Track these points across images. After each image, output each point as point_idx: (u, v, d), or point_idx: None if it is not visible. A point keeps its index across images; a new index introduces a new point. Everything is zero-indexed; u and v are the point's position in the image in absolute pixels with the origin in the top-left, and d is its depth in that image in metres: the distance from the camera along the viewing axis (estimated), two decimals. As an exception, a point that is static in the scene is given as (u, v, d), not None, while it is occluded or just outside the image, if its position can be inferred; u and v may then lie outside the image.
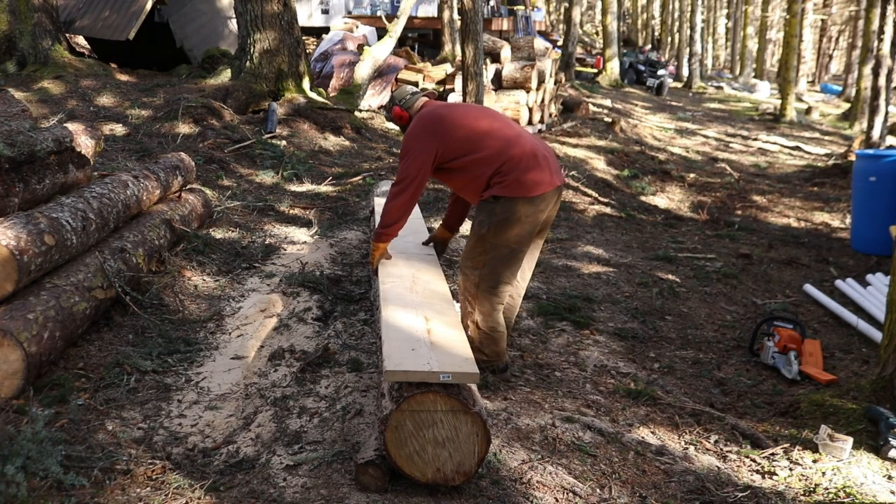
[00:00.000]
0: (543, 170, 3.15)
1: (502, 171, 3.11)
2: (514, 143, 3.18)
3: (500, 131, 3.22)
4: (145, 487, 2.26)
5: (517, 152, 3.14)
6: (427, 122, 3.19)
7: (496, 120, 3.28)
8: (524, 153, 3.16)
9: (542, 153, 3.20)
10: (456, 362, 2.31)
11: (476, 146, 3.16)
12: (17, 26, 10.52)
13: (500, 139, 3.18)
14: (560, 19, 39.49)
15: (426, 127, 3.17)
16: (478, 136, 3.18)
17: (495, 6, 19.05)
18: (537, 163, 3.15)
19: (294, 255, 4.61)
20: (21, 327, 2.64)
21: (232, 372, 3.11)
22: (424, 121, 3.20)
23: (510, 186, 3.10)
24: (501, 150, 3.14)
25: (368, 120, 10.24)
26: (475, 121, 3.23)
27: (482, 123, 3.23)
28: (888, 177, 6.04)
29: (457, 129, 3.17)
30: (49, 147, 3.80)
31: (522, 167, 3.12)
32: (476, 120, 3.24)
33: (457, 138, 3.15)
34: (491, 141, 3.16)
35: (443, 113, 3.21)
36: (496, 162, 3.12)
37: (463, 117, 3.23)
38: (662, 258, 5.60)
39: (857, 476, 2.66)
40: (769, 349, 3.83)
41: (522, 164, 3.12)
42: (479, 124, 3.22)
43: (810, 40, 37.76)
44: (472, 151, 3.15)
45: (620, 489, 2.46)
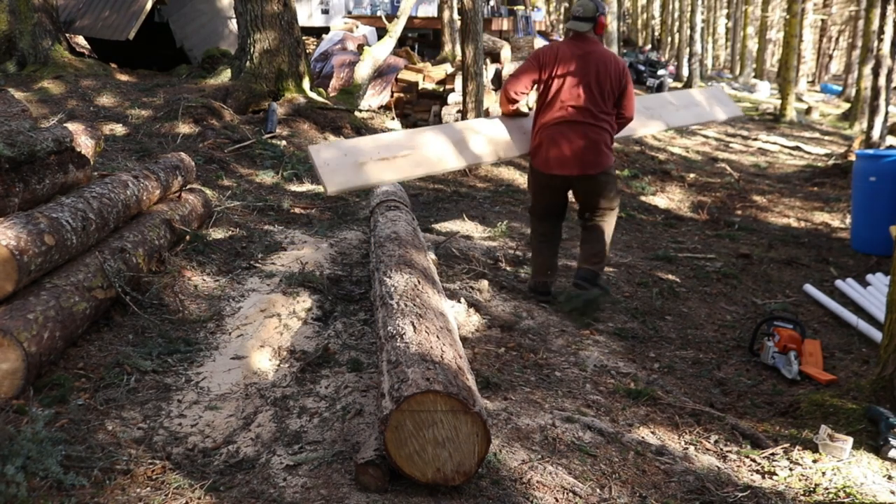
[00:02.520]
0: (559, 155, 4.05)
1: (536, 133, 4.18)
2: (557, 115, 4.06)
3: (564, 105, 4.05)
4: (145, 487, 2.26)
5: (551, 123, 4.09)
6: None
7: (574, 97, 4.05)
8: (552, 130, 4.07)
9: (568, 137, 4.03)
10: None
11: (547, 99, 4.13)
12: (17, 26, 10.52)
13: (556, 106, 4.07)
14: (560, 19, 39.48)
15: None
16: (556, 93, 4.07)
17: (495, 6, 19.04)
18: (551, 143, 4.05)
19: (294, 255, 4.61)
20: (21, 327, 2.64)
21: (232, 372, 3.11)
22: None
23: (532, 151, 4.22)
24: (549, 112, 4.11)
25: (368, 120, 10.24)
26: (569, 83, 4.04)
27: (570, 87, 4.05)
28: (888, 177, 6.04)
29: (553, 74, 4.08)
30: (49, 147, 3.80)
31: (546, 137, 4.09)
32: (573, 83, 4.04)
33: (549, 79, 4.11)
34: (557, 99, 4.06)
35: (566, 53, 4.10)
36: (538, 122, 4.16)
37: (567, 73, 4.05)
38: (662, 258, 5.60)
39: (857, 476, 2.66)
40: (769, 349, 3.83)
41: (546, 136, 4.09)
42: (568, 86, 4.05)
43: (810, 40, 37.76)
44: (542, 98, 4.16)
45: (620, 489, 2.46)
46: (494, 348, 3.60)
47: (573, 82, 4.04)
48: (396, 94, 11.47)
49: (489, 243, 5.43)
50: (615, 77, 4.07)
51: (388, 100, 11.49)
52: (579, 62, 4.05)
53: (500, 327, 3.87)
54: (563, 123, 4.06)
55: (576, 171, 4.04)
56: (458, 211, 6.33)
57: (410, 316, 2.84)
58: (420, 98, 11.33)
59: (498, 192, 7.19)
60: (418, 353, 2.48)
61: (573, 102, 4.05)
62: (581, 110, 4.05)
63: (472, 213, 6.35)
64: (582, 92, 4.04)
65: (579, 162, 4.03)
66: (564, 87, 4.06)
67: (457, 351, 2.67)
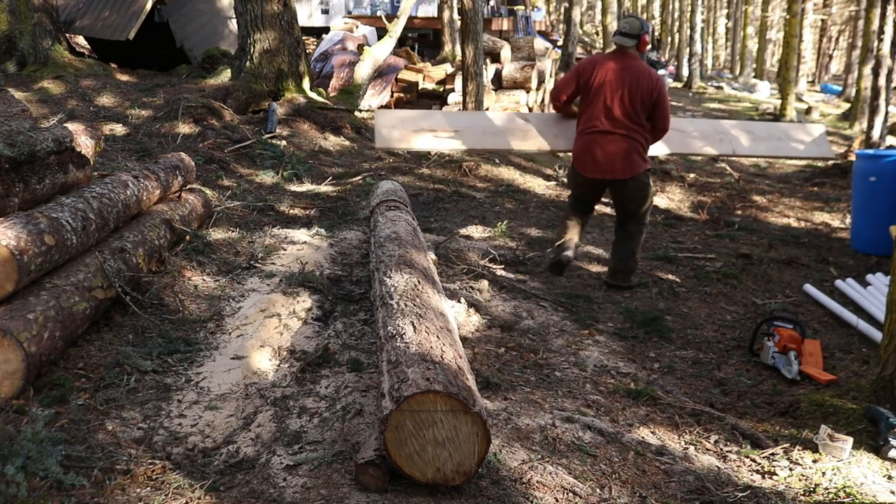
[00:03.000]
0: (594, 160, 4.50)
1: (577, 136, 4.64)
2: (594, 125, 4.49)
3: (601, 115, 4.46)
4: (145, 487, 2.26)
5: (589, 131, 4.52)
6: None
7: (610, 106, 4.44)
8: (590, 137, 4.52)
9: (602, 143, 4.46)
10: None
11: (585, 107, 4.56)
12: (17, 26, 10.52)
13: (596, 115, 4.48)
14: (560, 19, 39.49)
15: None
16: (592, 102, 4.50)
17: (495, 6, 19.04)
18: (587, 148, 4.52)
19: (294, 255, 4.61)
20: (21, 327, 2.64)
21: (232, 372, 3.11)
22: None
23: (573, 151, 4.68)
24: (587, 121, 4.54)
25: (368, 120, 10.24)
26: (605, 95, 4.45)
27: (606, 100, 4.45)
28: (888, 177, 6.03)
29: (591, 84, 4.52)
30: (49, 147, 3.80)
31: (582, 143, 4.56)
32: (608, 95, 4.44)
33: (588, 89, 4.55)
34: (594, 109, 4.49)
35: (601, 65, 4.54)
36: (579, 126, 4.63)
37: (601, 84, 4.48)
38: (662, 258, 5.60)
39: (857, 476, 2.66)
40: (769, 349, 3.83)
41: (583, 142, 4.55)
42: (604, 98, 4.45)
43: (810, 40, 37.77)
44: (583, 105, 4.59)
45: (620, 489, 2.46)
46: (494, 348, 3.60)
47: (608, 94, 4.44)
48: (396, 94, 11.47)
49: (489, 243, 5.44)
50: (647, 92, 4.42)
51: (388, 100, 11.50)
52: (615, 75, 4.43)
53: (500, 327, 3.87)
54: (596, 132, 4.49)
55: (608, 175, 4.52)
56: (458, 211, 6.33)
57: (410, 316, 2.84)
58: (420, 98, 11.33)
59: (498, 192, 7.19)
60: (418, 353, 2.48)
61: (606, 113, 4.45)
62: (613, 120, 4.44)
63: (472, 213, 6.35)
64: (615, 103, 4.42)
65: (610, 168, 4.48)
66: (599, 98, 4.47)
67: (457, 351, 2.67)
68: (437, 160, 8.02)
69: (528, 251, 5.43)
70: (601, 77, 4.46)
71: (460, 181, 7.43)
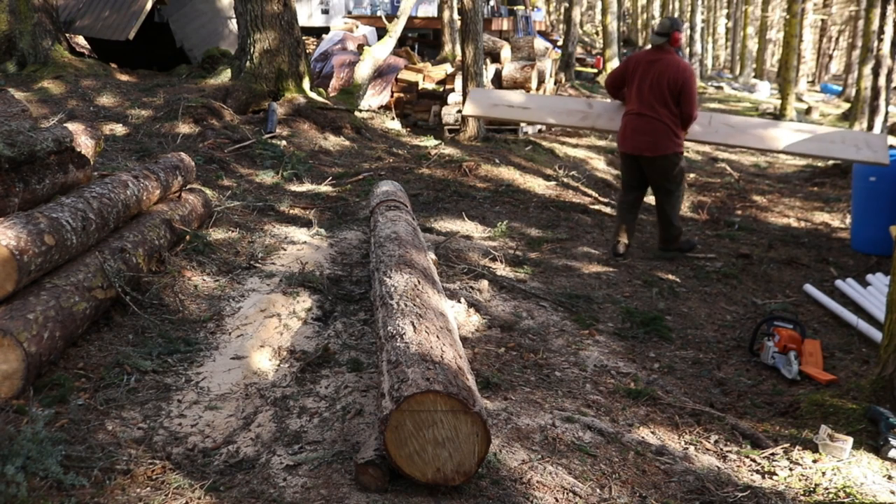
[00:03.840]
0: (627, 137, 5.36)
1: (622, 119, 5.48)
2: (632, 108, 5.32)
3: (636, 100, 5.28)
4: (145, 487, 2.26)
5: (628, 114, 5.39)
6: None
7: (644, 94, 5.24)
8: (627, 119, 5.37)
9: (637, 126, 5.27)
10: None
11: (628, 94, 5.42)
12: (17, 26, 10.52)
13: (633, 101, 5.32)
14: (560, 19, 39.49)
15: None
16: (631, 89, 5.35)
17: (495, 6, 19.04)
18: (626, 129, 5.37)
19: (294, 255, 4.61)
20: (21, 327, 2.64)
21: (232, 372, 3.11)
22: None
23: (618, 132, 5.55)
24: (627, 105, 5.45)
25: (368, 120, 10.24)
26: (639, 83, 5.26)
27: (638, 87, 5.28)
28: (888, 177, 6.03)
29: (631, 75, 5.39)
30: (49, 147, 3.80)
31: (622, 124, 5.45)
32: (640, 83, 5.27)
33: (629, 78, 5.41)
34: (631, 95, 5.36)
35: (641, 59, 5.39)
36: (624, 110, 5.50)
37: (642, 75, 5.29)
38: (662, 258, 5.60)
39: (857, 476, 2.66)
40: (769, 349, 3.83)
41: (623, 123, 5.44)
42: (637, 85, 5.29)
43: (810, 40, 37.75)
44: (626, 93, 5.49)
45: (620, 489, 2.46)
46: (494, 348, 3.60)
47: (642, 83, 5.25)
48: (396, 94, 11.47)
49: (489, 243, 5.44)
50: (673, 81, 5.15)
51: (388, 100, 11.49)
52: (649, 67, 5.24)
53: (500, 327, 3.87)
54: (632, 114, 5.34)
55: (636, 151, 5.33)
56: (458, 211, 6.33)
57: (410, 316, 2.84)
58: (420, 98, 11.32)
59: (498, 192, 7.19)
60: (418, 353, 2.48)
61: (640, 98, 5.27)
62: (645, 104, 5.24)
63: (472, 213, 6.35)
64: (646, 90, 5.23)
65: (641, 145, 5.28)
66: (636, 86, 5.30)
67: (457, 351, 2.68)
68: (437, 160, 8.02)
69: (528, 251, 5.43)
70: (638, 68, 5.30)
71: (460, 181, 7.42)
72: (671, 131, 5.21)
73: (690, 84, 5.16)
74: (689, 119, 5.27)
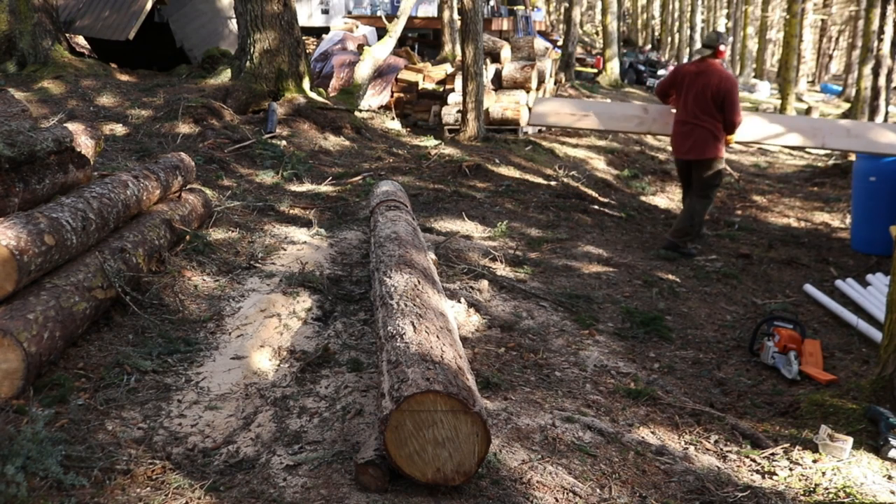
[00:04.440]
0: (675, 143, 5.96)
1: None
2: (679, 117, 5.88)
3: (683, 109, 5.83)
4: (145, 487, 2.26)
5: (676, 122, 5.96)
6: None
7: (689, 102, 5.75)
8: (676, 126, 5.94)
9: (683, 131, 5.81)
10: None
11: (675, 102, 6.00)
12: (17, 26, 10.52)
13: (680, 110, 5.87)
14: (560, 19, 39.49)
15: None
16: (679, 98, 5.90)
17: (495, 6, 19.04)
18: (675, 135, 5.95)
19: (294, 255, 4.61)
20: (21, 327, 2.64)
21: (232, 372, 3.11)
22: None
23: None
24: (676, 113, 5.98)
25: (368, 120, 10.24)
26: (686, 92, 5.79)
27: (685, 96, 5.81)
28: (888, 177, 6.03)
29: (679, 84, 5.92)
30: (49, 147, 3.80)
31: (672, 131, 6.02)
32: (686, 93, 5.80)
33: (678, 87, 5.95)
34: (679, 104, 5.92)
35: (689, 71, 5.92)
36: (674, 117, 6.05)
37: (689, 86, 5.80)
38: (662, 258, 5.60)
39: (857, 476, 2.66)
40: (769, 349, 3.83)
41: (673, 130, 6.02)
42: (684, 95, 5.82)
43: (810, 40, 37.76)
44: (675, 104, 6.03)
45: (620, 489, 2.46)
46: (494, 348, 3.60)
47: (688, 93, 5.75)
48: (396, 94, 11.47)
49: (489, 243, 5.44)
50: (715, 90, 5.60)
51: (388, 100, 11.49)
52: (694, 78, 5.73)
53: (500, 327, 3.87)
54: (679, 122, 5.88)
55: (683, 156, 5.91)
56: (458, 211, 6.33)
57: (410, 316, 2.84)
58: (420, 98, 11.32)
59: (498, 192, 7.20)
60: (418, 353, 2.48)
61: (685, 106, 5.78)
62: (690, 113, 5.73)
63: (472, 213, 6.35)
64: (692, 100, 5.72)
65: (686, 150, 5.82)
66: (683, 96, 5.82)
67: (457, 351, 2.67)
68: (437, 160, 8.02)
69: (528, 251, 5.43)
70: (685, 79, 5.81)
71: (460, 181, 7.42)
72: (713, 137, 5.69)
73: (732, 93, 5.61)
74: (732, 125, 5.69)
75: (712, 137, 5.69)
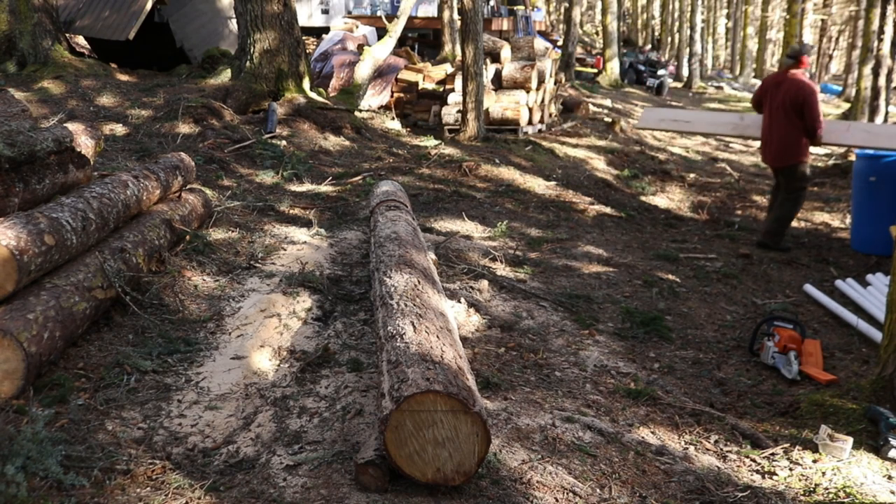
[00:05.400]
0: (762, 150, 6.43)
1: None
2: (764, 125, 6.29)
3: (766, 117, 6.25)
4: (145, 487, 2.27)
5: (762, 130, 6.37)
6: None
7: (773, 111, 6.14)
8: (762, 134, 6.35)
9: (768, 139, 6.22)
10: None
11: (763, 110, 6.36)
12: (17, 26, 10.52)
13: (765, 118, 6.28)
14: (560, 19, 39.48)
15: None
16: (766, 105, 6.28)
17: (495, 6, 19.05)
18: (761, 143, 6.41)
19: (294, 255, 4.61)
20: (21, 327, 2.64)
21: (232, 372, 3.11)
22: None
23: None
24: (763, 121, 6.37)
25: (368, 120, 10.24)
26: (771, 101, 6.17)
27: (769, 106, 6.21)
28: (888, 177, 6.03)
29: (766, 93, 6.28)
30: (49, 147, 3.80)
31: (761, 139, 6.42)
32: (770, 103, 6.20)
33: (765, 96, 6.31)
34: (764, 113, 6.33)
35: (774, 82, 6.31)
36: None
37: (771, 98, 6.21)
38: (662, 258, 5.60)
39: (857, 476, 2.66)
40: (769, 349, 3.83)
41: (761, 137, 6.41)
42: (769, 104, 6.22)
43: (810, 40, 37.72)
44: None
45: (620, 489, 2.46)
46: (494, 348, 3.60)
47: (772, 102, 6.14)
48: (396, 94, 11.46)
49: (489, 243, 5.44)
50: (794, 97, 5.95)
51: (388, 100, 11.49)
52: (777, 88, 6.12)
53: (500, 327, 3.87)
54: (764, 130, 6.29)
55: (768, 163, 6.42)
56: (458, 211, 6.33)
57: (410, 316, 2.84)
58: (420, 98, 11.32)
59: (498, 192, 7.20)
60: (418, 353, 2.48)
61: (770, 116, 6.17)
62: (773, 122, 6.14)
63: (472, 213, 6.35)
64: (775, 109, 6.10)
65: (770, 156, 6.27)
66: (767, 105, 6.22)
67: (457, 351, 2.67)
68: (437, 160, 8.02)
69: (528, 251, 5.43)
70: (769, 89, 6.21)
71: (460, 181, 7.42)
72: (793, 144, 6.03)
73: (811, 100, 5.92)
74: (813, 130, 5.99)
75: (792, 144, 6.02)
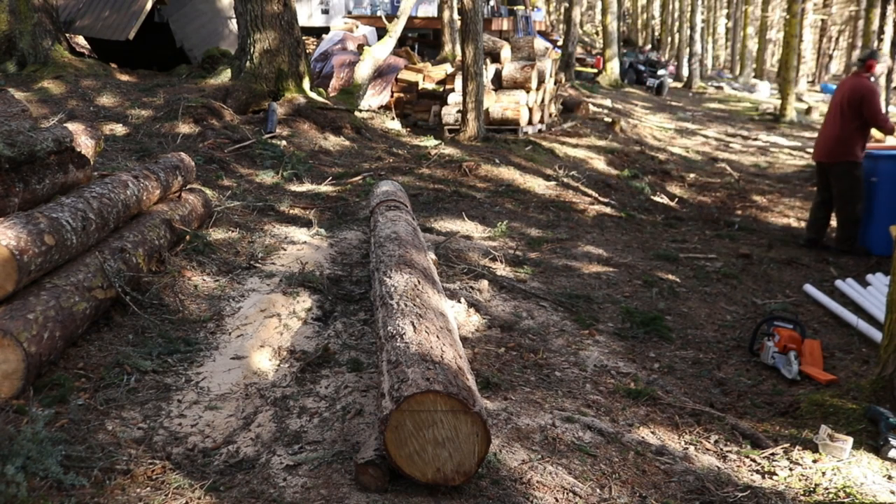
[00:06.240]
0: (815, 146, 6.51)
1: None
2: (824, 123, 6.48)
3: (828, 115, 6.42)
4: (145, 487, 2.27)
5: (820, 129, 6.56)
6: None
7: (831, 109, 6.33)
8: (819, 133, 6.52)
9: (820, 135, 6.42)
10: None
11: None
12: (17, 26, 10.52)
13: (826, 116, 6.46)
14: (560, 19, 39.49)
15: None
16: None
17: (495, 6, 19.05)
18: (816, 141, 6.52)
19: (294, 255, 4.61)
20: (21, 327, 2.64)
21: (232, 372, 3.11)
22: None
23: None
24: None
25: (368, 120, 10.24)
26: (834, 100, 6.31)
27: (831, 106, 6.38)
28: (888, 177, 6.04)
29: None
30: (49, 147, 3.80)
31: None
32: (832, 103, 6.38)
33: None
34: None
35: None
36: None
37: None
38: (663, 258, 5.60)
39: (857, 476, 2.66)
40: (769, 349, 3.82)
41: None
42: (830, 105, 6.40)
43: (810, 40, 37.74)
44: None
45: (620, 489, 2.46)
46: (494, 348, 3.60)
47: (834, 100, 6.34)
48: (396, 94, 11.46)
49: (489, 243, 5.44)
50: (852, 97, 6.10)
51: (388, 100, 11.49)
52: (838, 90, 6.38)
53: (500, 327, 3.87)
54: (823, 125, 6.47)
55: (816, 158, 6.48)
56: (458, 211, 6.33)
57: (410, 316, 2.84)
58: (420, 98, 11.32)
59: (498, 192, 7.20)
60: (418, 353, 2.48)
61: (828, 115, 6.36)
62: (829, 120, 6.32)
63: (472, 213, 6.35)
64: (832, 108, 6.30)
65: (819, 152, 6.38)
66: (831, 103, 6.41)
67: (457, 351, 2.67)
68: (437, 160, 8.03)
69: (528, 251, 5.43)
70: (836, 89, 6.44)
71: (460, 181, 7.42)
72: (842, 142, 6.10)
73: (869, 97, 6.06)
74: (879, 127, 6.17)
75: (842, 142, 6.09)
